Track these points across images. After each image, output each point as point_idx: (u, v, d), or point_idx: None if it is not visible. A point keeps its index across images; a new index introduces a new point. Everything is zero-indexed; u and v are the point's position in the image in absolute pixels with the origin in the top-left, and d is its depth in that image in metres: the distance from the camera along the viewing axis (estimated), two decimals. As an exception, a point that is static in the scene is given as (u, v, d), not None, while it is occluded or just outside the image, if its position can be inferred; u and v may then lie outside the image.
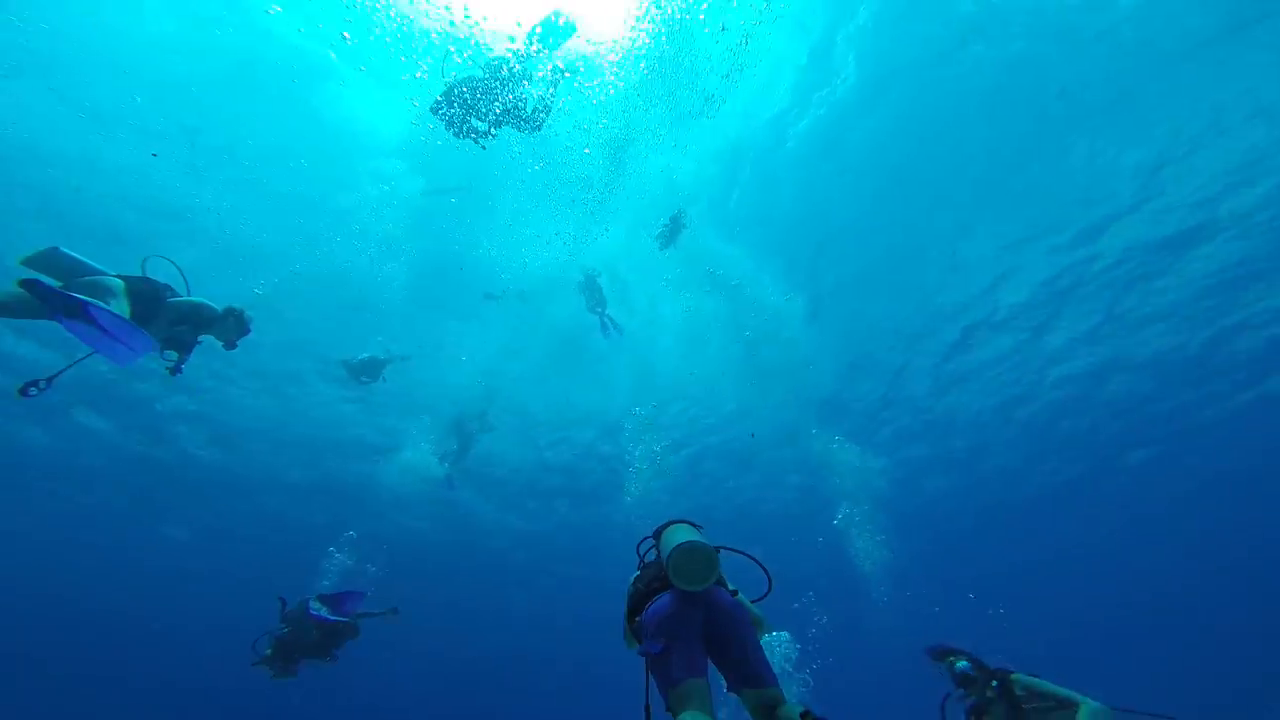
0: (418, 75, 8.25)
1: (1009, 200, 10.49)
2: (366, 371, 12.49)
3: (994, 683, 4.33)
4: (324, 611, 7.31)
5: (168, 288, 4.62)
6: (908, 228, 11.11)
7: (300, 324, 12.62)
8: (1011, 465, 17.28)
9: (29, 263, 4.12)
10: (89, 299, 3.72)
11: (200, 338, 4.86)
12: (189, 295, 4.74)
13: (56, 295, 3.66)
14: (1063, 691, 4.14)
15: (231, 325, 4.90)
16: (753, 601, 3.31)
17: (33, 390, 4.00)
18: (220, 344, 4.98)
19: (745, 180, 10.65)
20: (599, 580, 21.22)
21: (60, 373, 4.14)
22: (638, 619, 3.00)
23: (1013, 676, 4.32)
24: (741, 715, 2.65)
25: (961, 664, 4.59)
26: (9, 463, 16.26)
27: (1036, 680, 4.28)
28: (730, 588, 3.14)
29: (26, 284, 3.67)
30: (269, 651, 7.24)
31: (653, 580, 3.12)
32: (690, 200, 10.68)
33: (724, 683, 2.93)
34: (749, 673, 2.69)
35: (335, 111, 9.36)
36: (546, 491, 18.94)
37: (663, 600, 2.99)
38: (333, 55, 8.59)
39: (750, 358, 13.48)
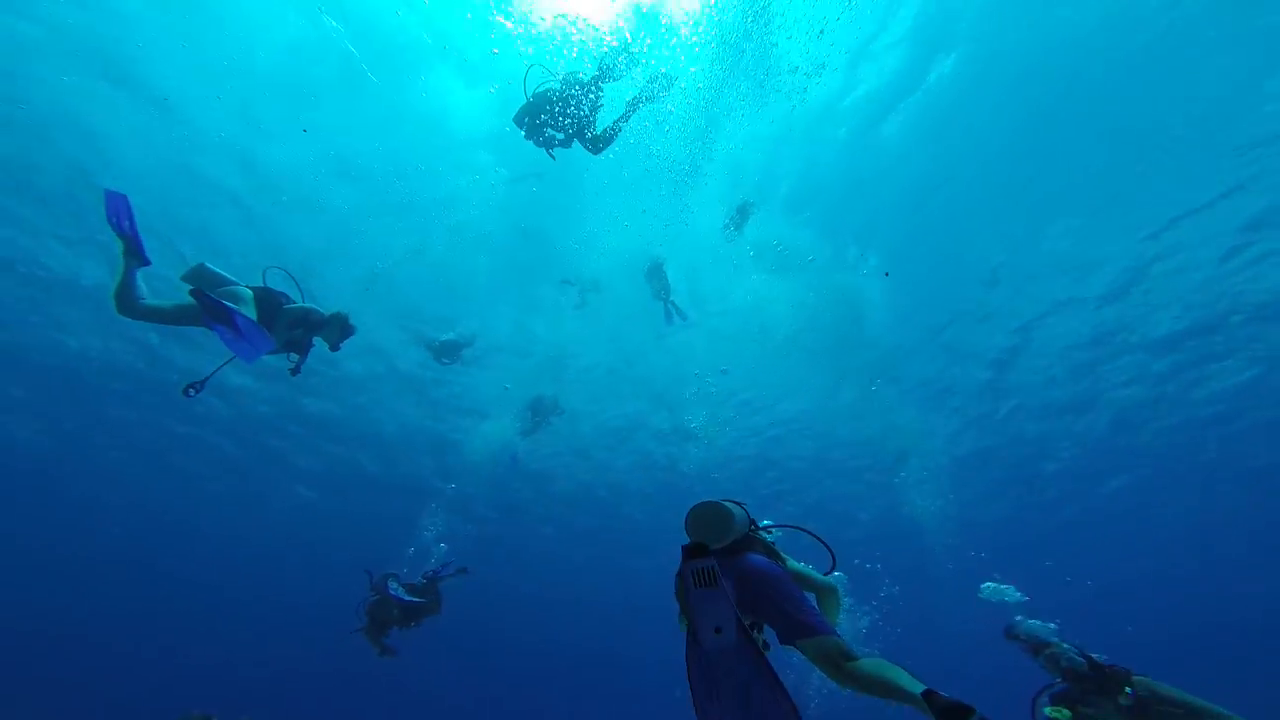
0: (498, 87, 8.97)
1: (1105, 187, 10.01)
2: (447, 353, 13.41)
3: (1127, 689, 3.90)
4: (401, 592, 8.14)
5: (285, 295, 5.31)
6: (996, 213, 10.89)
7: (393, 308, 13.62)
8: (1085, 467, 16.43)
9: (186, 278, 4.88)
10: (234, 307, 4.42)
11: (312, 340, 5.49)
12: (302, 302, 5.40)
13: (216, 304, 4.36)
14: (1196, 701, 3.77)
15: (335, 328, 5.50)
16: (824, 574, 3.47)
17: (191, 391, 4.74)
18: (327, 346, 5.63)
19: (821, 160, 10.58)
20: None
21: (210, 375, 4.99)
22: None
23: (1134, 678, 4.01)
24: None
25: (1072, 656, 4.26)
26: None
27: (1163, 685, 3.92)
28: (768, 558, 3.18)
29: (196, 294, 4.41)
30: (366, 622, 8.10)
31: None
32: (763, 183, 10.83)
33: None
34: (795, 625, 2.70)
35: (427, 102, 10.00)
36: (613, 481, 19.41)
37: None
38: (427, 40, 9.12)
39: (825, 337, 13.41)
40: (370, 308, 13.23)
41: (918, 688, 2.15)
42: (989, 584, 10.16)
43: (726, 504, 3.15)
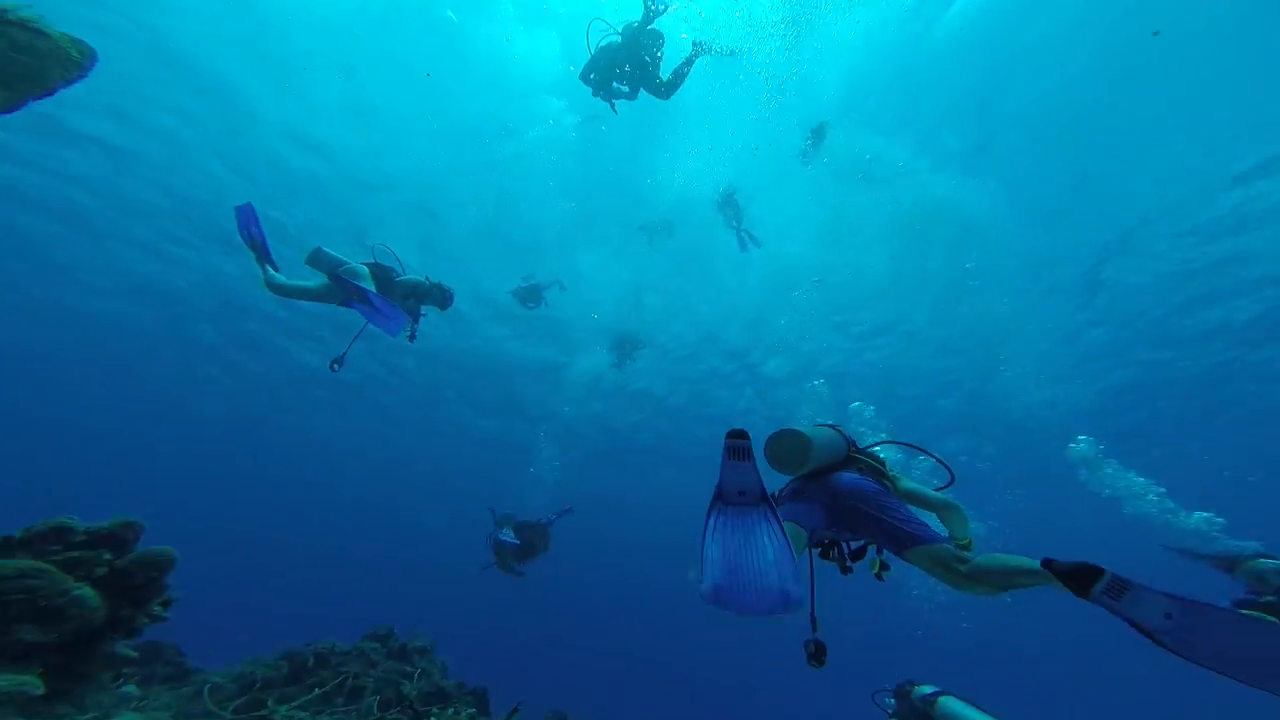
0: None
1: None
2: (530, 297, 13.91)
3: None
4: (510, 537, 8.91)
5: (393, 269, 5.77)
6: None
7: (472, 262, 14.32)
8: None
9: (309, 261, 5.45)
10: (370, 290, 5.05)
11: (422, 309, 6.03)
12: (405, 274, 5.85)
13: (355, 288, 4.99)
14: None
15: (438, 295, 5.99)
16: (937, 489, 3.38)
17: (335, 366, 5.43)
18: (437, 309, 6.15)
19: (904, 68, 9.88)
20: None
21: (347, 349, 5.58)
22: None
23: None
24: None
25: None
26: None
27: None
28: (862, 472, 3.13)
29: (334, 278, 5.12)
30: (493, 558, 9.13)
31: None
32: (841, 96, 10.26)
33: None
34: (898, 536, 2.68)
35: (492, 48, 10.13)
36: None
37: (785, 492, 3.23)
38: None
39: (918, 244, 12.69)
40: (477, 254, 14.03)
41: (1035, 562, 2.16)
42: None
43: (814, 428, 3.11)
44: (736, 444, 2.31)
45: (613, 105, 7.45)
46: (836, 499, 2.92)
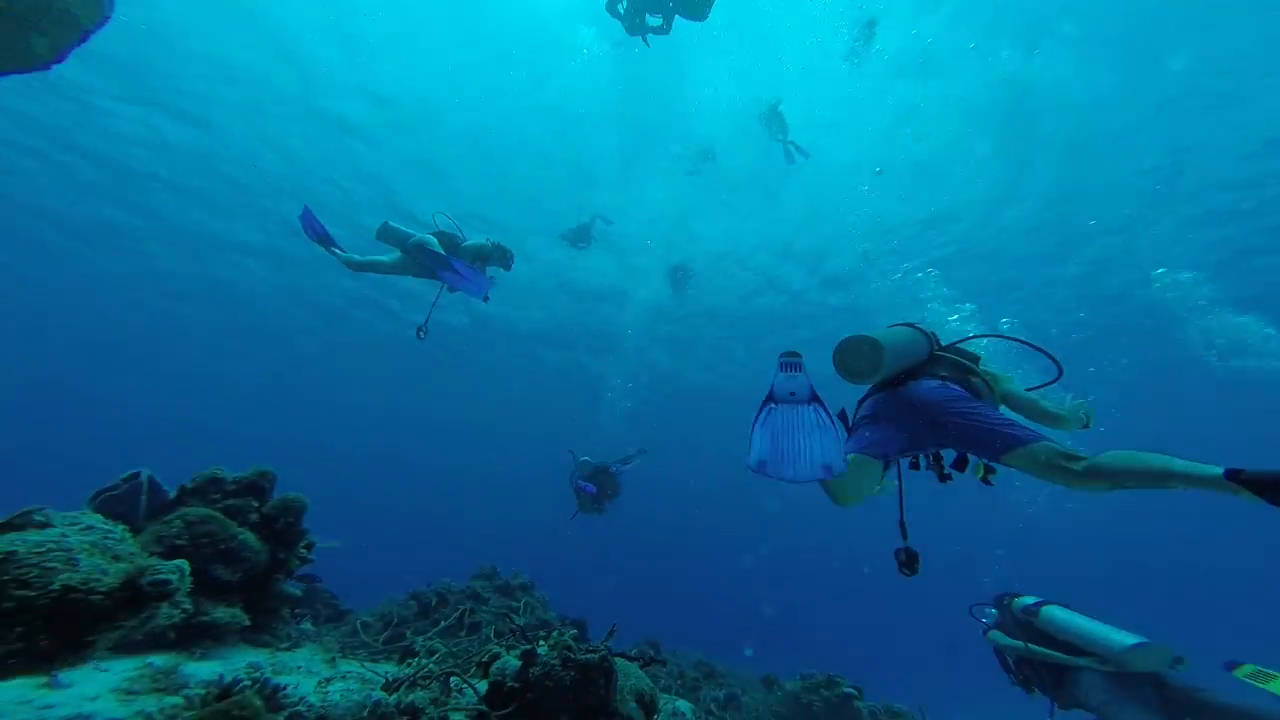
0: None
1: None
2: (580, 238, 13.86)
3: None
4: (586, 484, 9.16)
5: (456, 235, 5.84)
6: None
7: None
8: None
9: (380, 236, 5.66)
10: (447, 255, 5.30)
11: (488, 269, 6.11)
12: (467, 238, 5.93)
13: (433, 255, 5.26)
14: None
15: (499, 256, 6.07)
16: (1030, 389, 3.10)
17: (421, 333, 5.73)
18: (501, 269, 6.26)
19: None
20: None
21: (428, 317, 5.87)
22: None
23: None
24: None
25: None
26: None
27: None
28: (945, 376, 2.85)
29: (415, 249, 5.39)
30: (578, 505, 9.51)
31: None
32: None
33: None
34: (988, 441, 2.48)
35: None
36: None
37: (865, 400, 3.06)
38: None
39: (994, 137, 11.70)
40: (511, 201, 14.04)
41: (1209, 469, 1.95)
42: None
43: (888, 330, 2.88)
44: (788, 359, 2.36)
45: (645, 39, 7.17)
46: (914, 412, 2.72)
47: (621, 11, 6.90)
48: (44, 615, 1.38)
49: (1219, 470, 1.93)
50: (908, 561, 2.67)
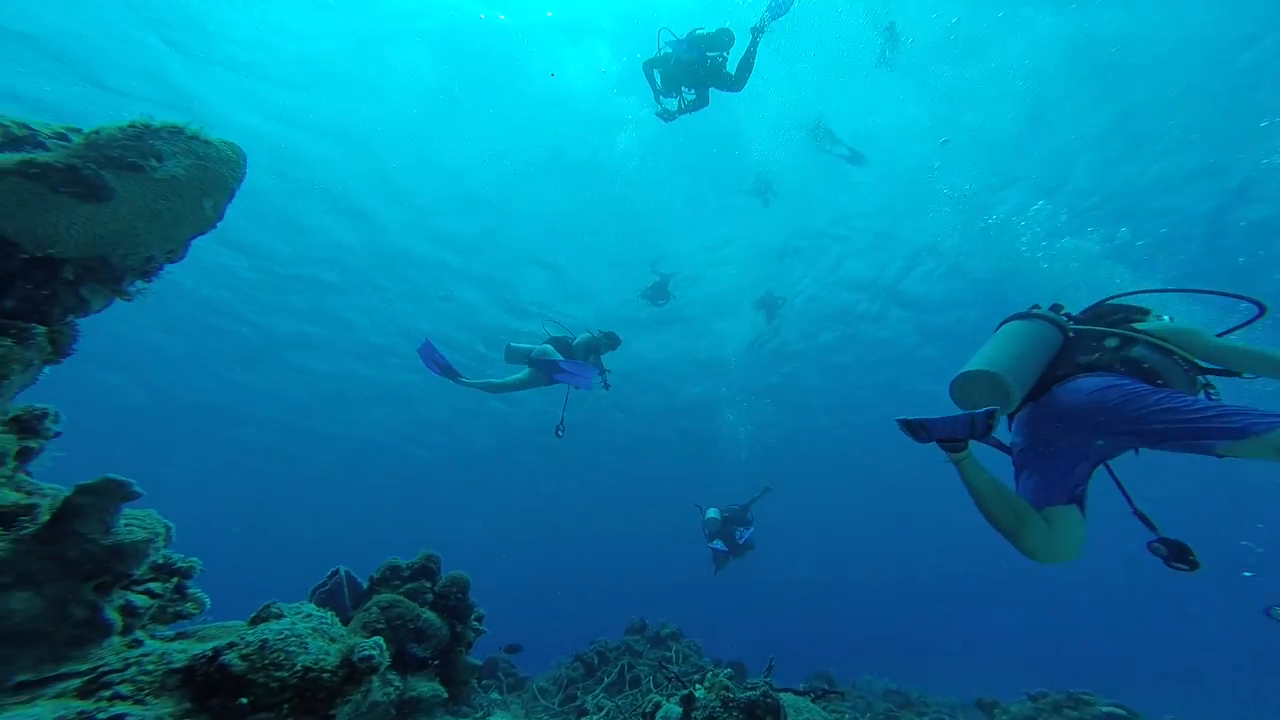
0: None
1: None
2: (658, 295, 14.23)
3: None
4: (716, 544, 9.03)
5: (567, 335, 6.44)
6: None
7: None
8: None
9: (508, 359, 6.23)
10: (562, 361, 5.81)
11: (601, 359, 6.62)
12: (576, 336, 6.49)
13: (548, 363, 5.75)
14: None
15: (607, 342, 6.60)
16: (1222, 334, 2.38)
17: (560, 432, 6.17)
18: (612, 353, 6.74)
19: None
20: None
21: (562, 417, 6.27)
22: None
23: None
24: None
25: None
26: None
27: None
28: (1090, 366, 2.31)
29: (533, 363, 5.94)
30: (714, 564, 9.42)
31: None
32: None
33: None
34: (1185, 437, 1.94)
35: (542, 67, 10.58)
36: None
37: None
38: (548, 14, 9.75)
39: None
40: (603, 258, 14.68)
41: None
42: None
43: (1002, 343, 2.42)
44: (910, 435, 2.22)
45: (674, 114, 7.12)
46: (1079, 427, 2.20)
47: (658, 83, 6.90)
48: (297, 692, 1.66)
49: None
50: (1176, 554, 2.18)
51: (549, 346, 6.15)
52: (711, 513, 9.47)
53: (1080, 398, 2.18)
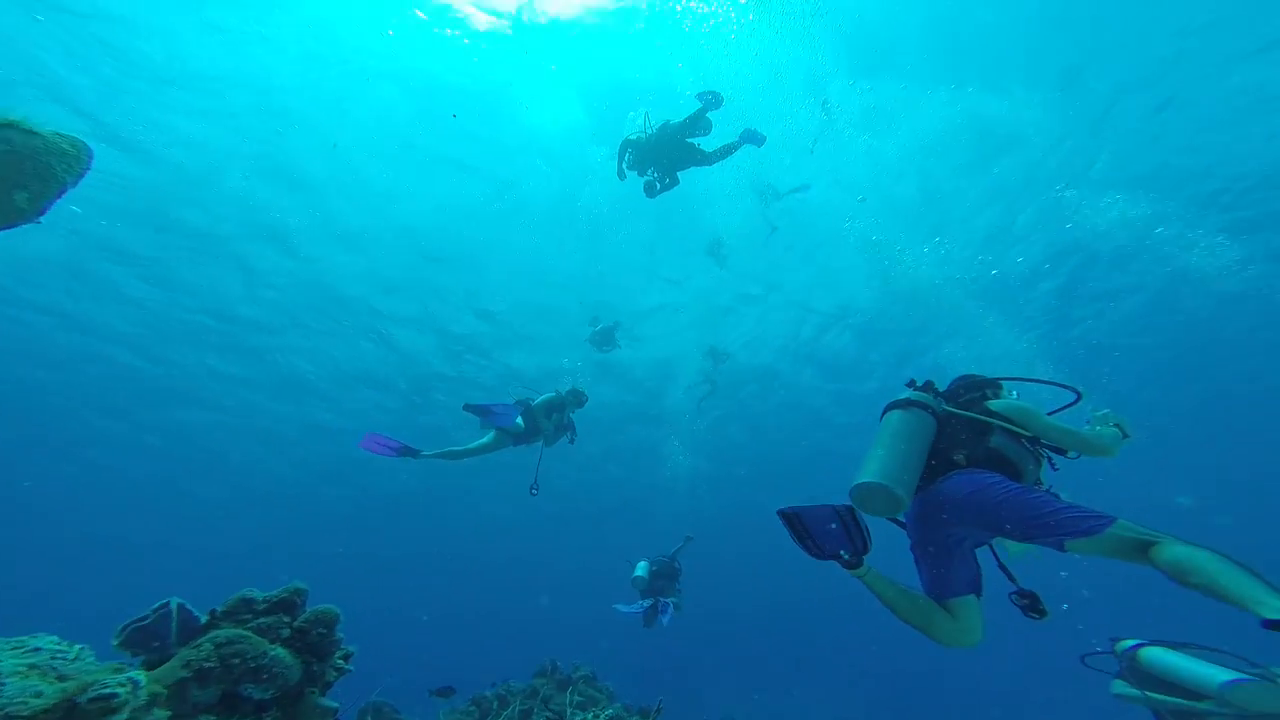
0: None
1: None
2: (605, 340, 14.07)
3: None
4: (634, 608, 8.68)
5: (530, 399, 6.39)
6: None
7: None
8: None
9: (466, 409, 6.16)
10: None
11: (570, 416, 6.64)
12: (540, 397, 6.47)
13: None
14: None
15: (573, 400, 6.61)
16: (1051, 413, 2.68)
17: (534, 491, 6.20)
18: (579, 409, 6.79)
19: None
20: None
21: (536, 476, 6.24)
22: None
23: None
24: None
25: None
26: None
27: None
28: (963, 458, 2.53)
29: (500, 432, 5.97)
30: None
31: None
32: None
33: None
34: (1042, 535, 2.18)
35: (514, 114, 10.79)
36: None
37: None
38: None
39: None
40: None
41: (1264, 608, 1.62)
42: None
43: (886, 444, 2.57)
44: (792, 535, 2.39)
45: (658, 191, 7.09)
46: (958, 517, 2.43)
47: (627, 159, 7.03)
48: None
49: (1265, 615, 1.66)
50: (1030, 605, 2.40)
51: (517, 414, 6.20)
52: (640, 569, 9.06)
53: (959, 497, 2.42)
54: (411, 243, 12.86)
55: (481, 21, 9.38)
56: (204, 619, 2.80)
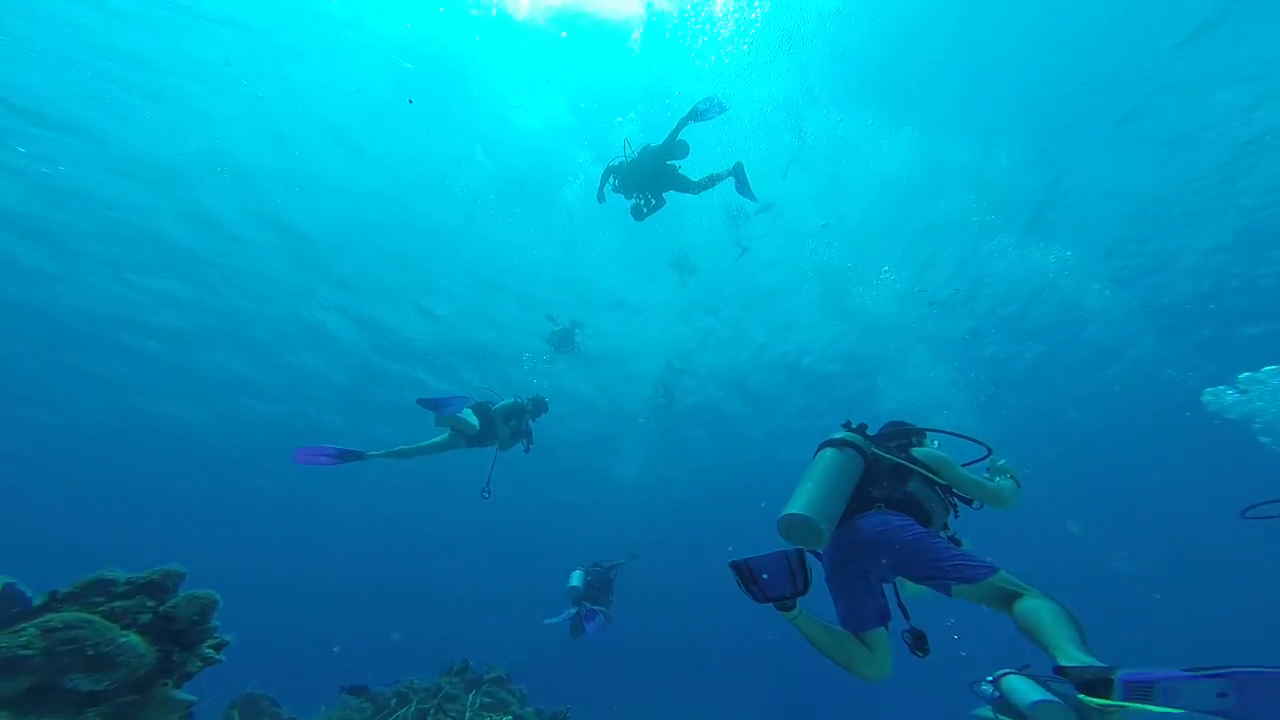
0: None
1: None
2: (563, 343, 13.87)
3: None
4: (565, 616, 8.54)
5: (490, 402, 6.16)
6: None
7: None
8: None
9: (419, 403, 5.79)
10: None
11: (529, 424, 6.40)
12: (501, 401, 6.24)
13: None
14: None
15: (533, 408, 6.43)
16: (965, 465, 2.89)
17: (485, 494, 5.96)
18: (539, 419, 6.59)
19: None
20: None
21: (489, 478, 6.04)
22: None
23: None
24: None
25: None
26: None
27: None
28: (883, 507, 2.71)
29: (450, 424, 5.69)
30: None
31: None
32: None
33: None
34: (935, 579, 2.39)
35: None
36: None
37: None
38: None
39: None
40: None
41: (1061, 655, 1.83)
42: None
43: (818, 475, 2.70)
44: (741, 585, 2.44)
45: (645, 213, 7.12)
46: (870, 554, 2.60)
47: (611, 184, 7.00)
48: None
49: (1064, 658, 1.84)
50: (917, 643, 2.55)
51: (468, 411, 5.95)
52: (575, 579, 8.83)
53: (872, 535, 2.60)
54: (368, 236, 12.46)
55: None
56: (40, 601, 2.53)
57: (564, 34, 9.42)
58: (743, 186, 7.07)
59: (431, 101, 10.21)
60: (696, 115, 6.65)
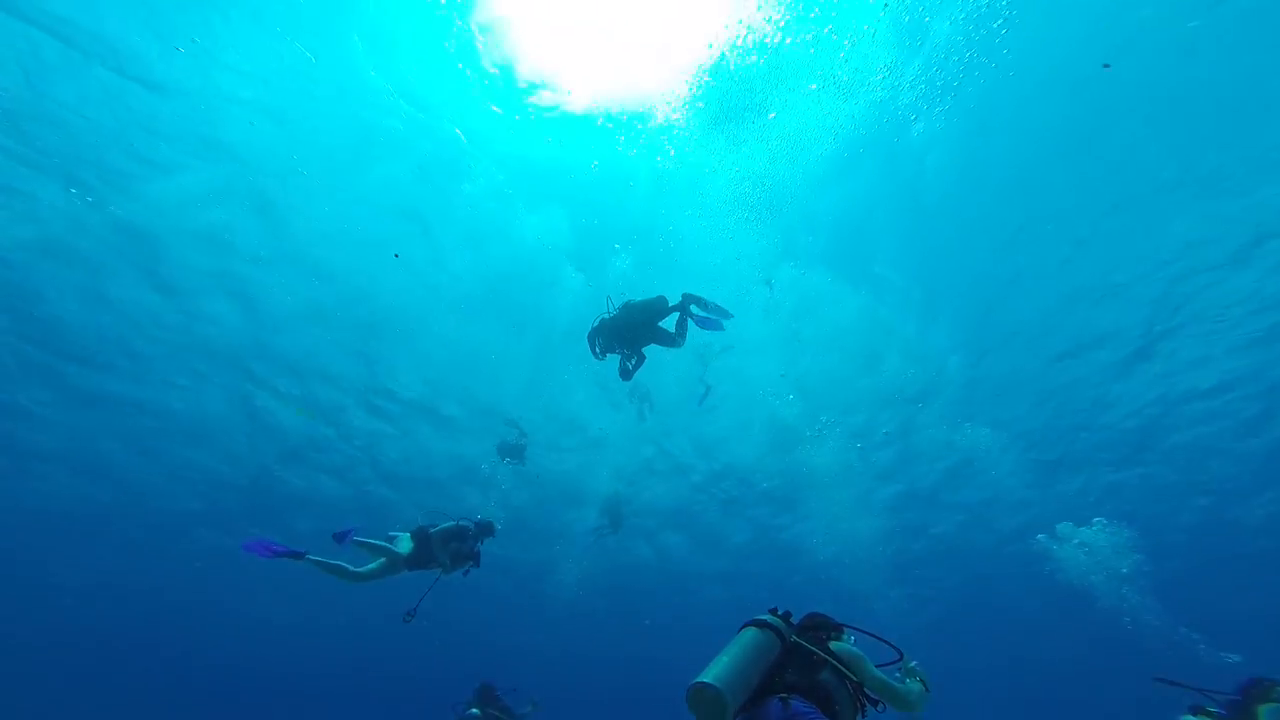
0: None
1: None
2: (513, 453, 13.83)
3: None
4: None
5: (432, 525, 6.09)
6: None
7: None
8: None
9: (344, 537, 5.75)
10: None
11: (475, 547, 6.25)
12: (443, 523, 6.16)
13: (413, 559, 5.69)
14: None
15: (478, 532, 6.29)
16: (879, 666, 2.94)
17: (409, 617, 5.60)
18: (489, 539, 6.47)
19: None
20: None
21: (418, 604, 5.74)
22: None
23: None
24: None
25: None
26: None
27: None
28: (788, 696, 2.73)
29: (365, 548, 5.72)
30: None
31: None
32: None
33: None
34: None
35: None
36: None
37: None
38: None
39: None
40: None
41: None
42: None
43: (736, 649, 2.75)
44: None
45: (631, 371, 6.98)
46: None
47: (598, 350, 6.75)
48: None
49: None
50: None
51: (405, 534, 5.90)
52: (473, 711, 8.16)
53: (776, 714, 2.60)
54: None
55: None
56: None
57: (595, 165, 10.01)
58: (704, 321, 6.96)
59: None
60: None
